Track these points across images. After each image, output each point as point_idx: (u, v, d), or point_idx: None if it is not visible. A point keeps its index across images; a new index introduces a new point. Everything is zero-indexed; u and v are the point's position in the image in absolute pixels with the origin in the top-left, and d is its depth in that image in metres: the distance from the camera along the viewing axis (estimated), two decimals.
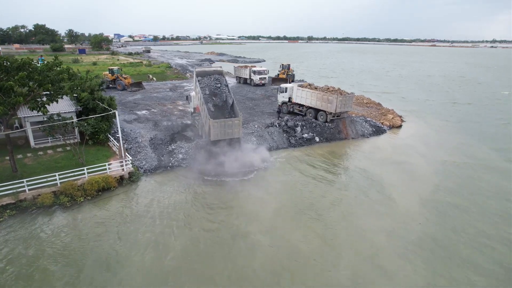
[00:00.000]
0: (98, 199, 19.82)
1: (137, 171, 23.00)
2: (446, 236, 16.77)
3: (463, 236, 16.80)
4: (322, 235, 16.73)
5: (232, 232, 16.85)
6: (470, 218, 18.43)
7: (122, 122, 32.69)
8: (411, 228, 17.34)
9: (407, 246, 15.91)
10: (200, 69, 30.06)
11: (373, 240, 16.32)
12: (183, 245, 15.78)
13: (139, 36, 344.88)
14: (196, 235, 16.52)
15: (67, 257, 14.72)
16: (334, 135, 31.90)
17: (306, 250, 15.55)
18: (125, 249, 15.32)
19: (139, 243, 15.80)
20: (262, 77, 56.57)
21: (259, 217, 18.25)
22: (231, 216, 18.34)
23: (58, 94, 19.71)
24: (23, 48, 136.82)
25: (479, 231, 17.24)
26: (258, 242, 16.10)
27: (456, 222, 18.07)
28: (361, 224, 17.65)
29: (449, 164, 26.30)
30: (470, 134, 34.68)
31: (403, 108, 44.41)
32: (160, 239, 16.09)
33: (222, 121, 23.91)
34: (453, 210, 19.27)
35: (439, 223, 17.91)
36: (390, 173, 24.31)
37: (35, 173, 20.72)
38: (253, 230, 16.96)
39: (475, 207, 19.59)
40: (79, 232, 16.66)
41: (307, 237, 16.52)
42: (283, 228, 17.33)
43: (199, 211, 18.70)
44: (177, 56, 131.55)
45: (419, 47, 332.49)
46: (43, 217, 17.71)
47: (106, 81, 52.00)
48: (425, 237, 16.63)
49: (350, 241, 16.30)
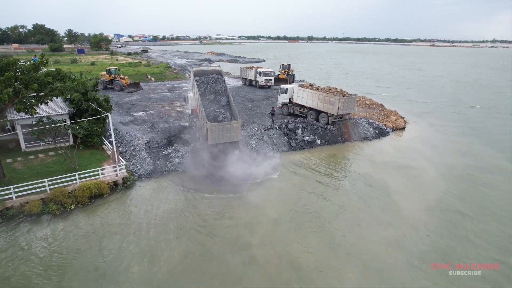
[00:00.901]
0: (90, 206, 18.88)
1: (132, 176, 22.06)
2: (455, 249, 15.81)
3: (472, 248, 15.86)
4: (325, 247, 15.80)
5: (228, 245, 15.84)
6: (479, 229, 17.44)
7: (118, 124, 31.77)
8: (419, 240, 16.37)
9: (415, 259, 14.96)
10: (198, 68, 28.73)
11: (380, 252, 15.39)
12: (175, 259, 14.83)
13: (139, 36, 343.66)
14: (191, 249, 15.54)
15: (52, 271, 13.78)
16: (336, 137, 30.96)
17: (309, 264, 14.61)
18: (113, 262, 14.39)
19: (128, 255, 14.87)
20: (268, 79, 53.24)
21: (256, 227, 17.19)
22: (228, 228, 17.19)
23: (49, 95, 18.84)
24: (22, 48, 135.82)
25: (489, 242, 16.31)
26: (256, 255, 15.11)
27: (465, 233, 17.06)
28: (366, 235, 16.70)
29: (456, 168, 25.35)
30: (479, 137, 33.60)
31: (406, 109, 43.48)
32: (152, 251, 15.15)
33: (220, 125, 22.87)
34: (461, 219, 18.28)
35: (447, 234, 16.91)
36: (394, 178, 23.37)
37: (24, 178, 19.79)
38: (251, 242, 15.99)
39: (483, 216, 18.61)
40: (65, 243, 15.68)
41: (309, 249, 15.56)
42: (283, 239, 16.34)
43: (193, 222, 17.62)
44: (176, 56, 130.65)
45: (419, 47, 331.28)
46: (29, 226, 16.75)
47: (104, 81, 51.21)
48: (434, 250, 15.64)
49: (356, 253, 15.35)
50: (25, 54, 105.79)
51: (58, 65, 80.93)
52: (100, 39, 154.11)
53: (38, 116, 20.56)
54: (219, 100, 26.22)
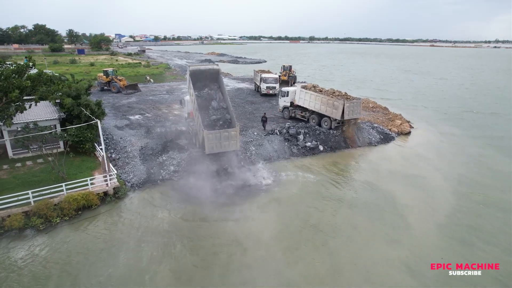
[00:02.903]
0: (77, 220, 17.62)
1: (124, 185, 20.81)
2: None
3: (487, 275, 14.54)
4: (327, 269, 14.50)
5: (221, 266, 14.58)
6: (495, 249, 16.10)
7: (112, 128, 30.59)
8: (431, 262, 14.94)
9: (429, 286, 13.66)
10: (195, 67, 26.19)
11: (389, 274, 14.08)
12: (164, 280, 13.60)
13: (140, 36, 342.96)
14: (182, 269, 14.32)
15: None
16: (339, 143, 29.63)
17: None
18: (99, 281, 13.17)
19: (115, 275, 13.64)
20: (270, 86, 46.61)
21: (251, 246, 15.78)
22: (220, 247, 15.77)
23: (28, 101, 17.63)
24: (22, 48, 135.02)
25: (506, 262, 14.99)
26: (251, 280, 13.88)
27: (479, 256, 15.65)
28: (372, 255, 15.33)
29: (466, 178, 23.96)
30: (490, 143, 32.16)
31: (411, 113, 42.15)
32: (140, 272, 13.92)
33: (217, 132, 21.48)
34: (475, 238, 16.83)
35: (461, 254, 15.56)
36: (401, 189, 21.99)
37: (7, 189, 18.57)
38: (244, 262, 14.75)
39: (497, 234, 17.18)
40: (44, 261, 14.45)
41: (310, 272, 14.24)
42: (281, 259, 14.99)
43: (182, 240, 16.39)
44: (177, 56, 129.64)
45: (421, 47, 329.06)
46: (7, 242, 15.54)
47: (101, 83, 50.08)
48: (450, 279, 14.33)
49: (362, 276, 14.06)
50: (25, 54, 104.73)
51: (57, 65, 79.94)
52: (100, 39, 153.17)
53: (24, 122, 19.33)
54: (216, 103, 24.94)
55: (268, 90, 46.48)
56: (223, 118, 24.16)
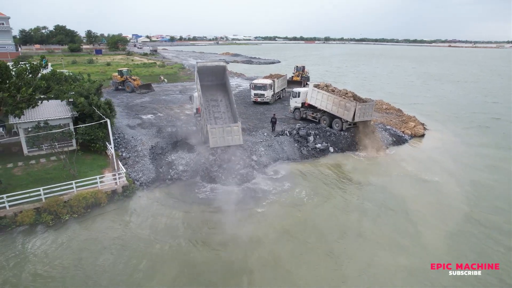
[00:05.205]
0: (86, 217, 17.94)
1: (133, 184, 21.05)
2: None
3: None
4: (331, 274, 14.22)
5: (223, 272, 14.40)
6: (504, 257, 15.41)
7: (124, 127, 31.07)
8: (444, 276, 14.18)
9: None
10: (202, 64, 26.95)
11: (394, 285, 13.65)
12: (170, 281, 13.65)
13: (157, 36, 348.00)
14: (183, 274, 14.32)
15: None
16: (350, 145, 29.12)
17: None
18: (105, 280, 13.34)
19: (119, 276, 13.78)
20: (258, 94, 40.90)
21: (254, 249, 15.58)
22: (221, 251, 15.59)
23: (42, 99, 18.07)
24: (43, 48, 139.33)
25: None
26: (255, 281, 13.75)
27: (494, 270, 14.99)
28: (381, 263, 14.86)
29: (482, 185, 23.00)
30: (508, 149, 30.99)
31: (426, 115, 41.06)
32: (147, 271, 14.02)
33: (220, 127, 22.37)
34: (491, 249, 16.11)
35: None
36: (413, 194, 21.32)
37: (21, 185, 19.12)
38: (247, 266, 14.62)
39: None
40: (50, 257, 14.73)
41: (315, 282, 13.99)
42: (285, 264, 14.78)
43: (188, 239, 16.41)
44: (191, 56, 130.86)
45: (439, 47, 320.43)
46: (18, 237, 15.96)
47: (115, 82, 51.04)
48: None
49: (366, 283, 13.71)
50: (46, 54, 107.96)
51: (75, 65, 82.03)
52: (117, 40, 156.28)
53: (36, 120, 19.83)
54: (220, 99, 25.42)
55: (256, 97, 41.21)
56: (227, 114, 24.81)
